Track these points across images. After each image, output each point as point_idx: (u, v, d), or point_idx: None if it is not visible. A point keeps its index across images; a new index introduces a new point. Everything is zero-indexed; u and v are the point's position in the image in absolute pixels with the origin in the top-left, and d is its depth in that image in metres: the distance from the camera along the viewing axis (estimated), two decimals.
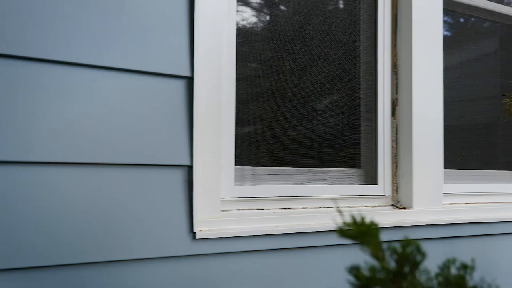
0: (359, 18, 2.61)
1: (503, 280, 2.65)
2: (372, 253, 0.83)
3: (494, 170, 3.09)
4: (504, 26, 3.22)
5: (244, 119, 2.30)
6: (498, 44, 3.25)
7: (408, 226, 2.40)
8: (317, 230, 2.16)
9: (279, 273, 2.09)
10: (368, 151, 2.58)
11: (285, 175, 2.35)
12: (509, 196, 3.01)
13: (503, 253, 2.72)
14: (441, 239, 2.51)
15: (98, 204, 1.74)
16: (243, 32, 2.30)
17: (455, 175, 2.86)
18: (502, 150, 3.18)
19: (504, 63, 3.22)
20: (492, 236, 2.69)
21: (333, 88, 2.54)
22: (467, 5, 2.98)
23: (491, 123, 3.15)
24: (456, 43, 3.07)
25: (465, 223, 2.59)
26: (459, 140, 2.99)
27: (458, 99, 3.02)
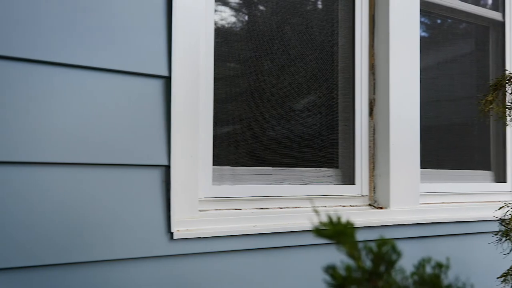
0: (337, 19, 2.62)
1: (478, 278, 2.68)
2: (348, 253, 0.84)
3: (470, 170, 3.12)
4: (479, 27, 3.25)
5: (223, 119, 2.29)
6: (473, 45, 3.29)
7: (385, 225, 2.42)
8: (294, 230, 2.16)
9: (256, 273, 2.09)
10: (346, 151, 2.59)
11: (263, 175, 2.35)
12: (485, 196, 3.05)
13: (478, 252, 2.74)
14: (417, 238, 2.54)
15: (78, 204, 1.73)
16: (222, 32, 2.30)
17: (431, 175, 2.89)
18: (478, 150, 3.22)
19: (479, 64, 3.26)
20: (468, 235, 2.72)
21: (311, 88, 2.55)
22: (443, 6, 3.01)
23: (467, 123, 3.19)
24: (433, 44, 3.09)
25: (442, 222, 2.61)
26: (436, 140, 3.02)
27: (435, 100, 3.05)
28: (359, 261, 0.83)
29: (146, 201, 1.86)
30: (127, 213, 1.82)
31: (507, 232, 2.25)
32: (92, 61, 1.77)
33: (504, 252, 2.33)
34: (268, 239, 2.12)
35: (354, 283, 0.82)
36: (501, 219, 2.31)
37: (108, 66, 1.80)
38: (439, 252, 2.59)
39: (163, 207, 1.89)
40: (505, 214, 2.29)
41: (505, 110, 2.29)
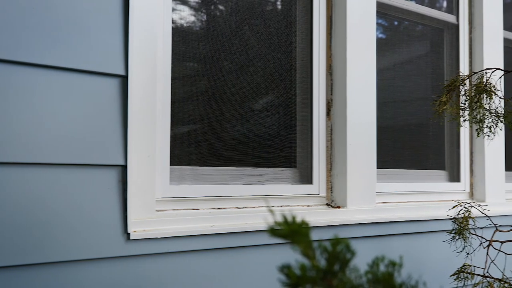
0: (295, 19, 2.64)
1: (432, 276, 2.73)
2: (303, 252, 0.84)
3: (425, 170, 3.18)
4: (434, 29, 3.31)
5: (181, 119, 2.28)
6: (429, 47, 3.34)
7: (342, 225, 2.44)
8: (252, 230, 2.17)
9: (214, 273, 2.08)
10: (304, 151, 2.61)
11: (221, 174, 2.35)
12: (439, 195, 3.11)
13: (432, 251, 2.79)
14: (374, 237, 2.57)
15: (31, 205, 1.70)
16: (180, 31, 2.29)
17: (388, 174, 2.93)
18: (433, 150, 3.27)
19: (434, 66, 3.32)
20: (423, 234, 2.77)
21: (269, 88, 2.55)
22: (399, 8, 3.05)
23: (422, 123, 3.24)
24: (390, 46, 3.14)
25: (397, 221, 2.65)
26: (392, 140, 3.06)
27: (391, 100, 3.09)
28: (314, 260, 0.84)
29: (102, 201, 1.84)
30: (82, 214, 1.79)
31: (460, 231, 2.30)
32: (45, 59, 1.74)
33: (457, 250, 2.37)
34: (226, 239, 2.11)
35: (309, 282, 0.83)
36: (454, 218, 2.35)
37: (63, 64, 1.77)
38: (394, 250, 2.63)
39: (120, 207, 1.87)
40: (458, 213, 2.34)
41: (459, 111, 2.34)
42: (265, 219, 2.18)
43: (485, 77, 2.27)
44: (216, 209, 2.26)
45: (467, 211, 2.32)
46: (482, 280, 2.19)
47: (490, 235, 2.26)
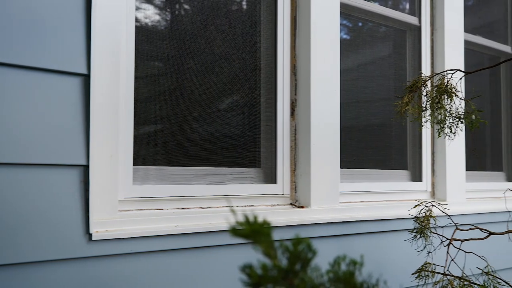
0: (259, 20, 2.64)
1: (394, 275, 2.76)
2: (264, 252, 0.84)
3: (388, 170, 3.21)
4: (397, 31, 3.35)
5: (144, 118, 2.27)
6: (392, 48, 3.38)
7: (306, 224, 2.45)
8: (216, 230, 2.16)
9: (177, 273, 2.08)
10: (268, 151, 2.61)
11: (185, 174, 2.34)
12: (402, 194, 3.14)
13: (395, 249, 2.83)
14: (337, 236, 2.59)
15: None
16: (145, 30, 2.27)
17: (351, 174, 2.95)
18: (396, 150, 3.32)
19: (397, 67, 3.36)
20: (385, 233, 2.80)
21: (234, 88, 2.55)
22: (363, 10, 3.08)
23: (385, 124, 3.28)
24: (354, 46, 3.16)
25: (360, 220, 2.68)
26: (356, 140, 3.09)
27: (354, 101, 3.12)
28: (275, 260, 0.84)
29: (64, 202, 1.81)
30: (43, 215, 1.77)
31: (422, 230, 2.33)
32: (3, 58, 1.71)
33: (418, 249, 2.41)
34: (190, 239, 2.11)
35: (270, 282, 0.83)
36: (416, 217, 2.38)
37: (21, 62, 1.75)
38: (358, 250, 2.65)
39: (82, 208, 1.85)
40: (420, 212, 2.37)
41: (420, 112, 2.37)
42: (226, 219, 2.18)
43: (446, 78, 2.31)
44: (180, 209, 2.25)
45: (428, 210, 2.36)
46: (443, 278, 2.23)
47: (451, 234, 2.30)
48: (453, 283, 2.20)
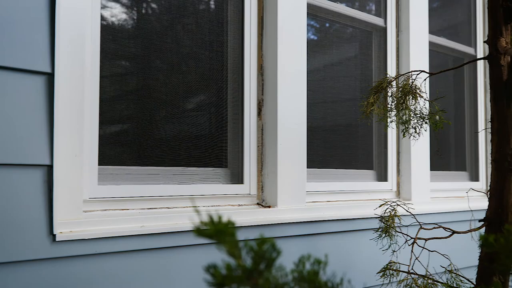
0: (226, 19, 2.64)
1: (360, 273, 2.79)
2: (229, 252, 0.84)
3: (354, 169, 3.24)
4: (363, 32, 3.38)
5: (110, 118, 2.25)
6: (358, 49, 3.41)
7: (273, 224, 2.46)
8: (182, 230, 2.16)
9: (145, 274, 2.06)
10: (235, 151, 2.61)
11: (151, 174, 2.33)
12: (368, 194, 3.17)
13: (360, 248, 2.85)
14: (304, 236, 2.60)
15: None
16: (111, 29, 2.25)
17: (318, 174, 2.97)
18: (362, 150, 3.34)
19: (363, 67, 3.39)
20: (351, 232, 2.82)
21: (201, 87, 2.55)
22: (329, 10, 3.10)
23: (351, 124, 3.31)
24: (320, 47, 3.18)
25: (327, 220, 2.69)
26: (322, 140, 3.11)
27: (321, 101, 3.14)
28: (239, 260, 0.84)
29: (27, 202, 1.79)
30: (6, 215, 1.74)
31: (387, 229, 2.36)
32: None
33: (383, 248, 2.43)
34: (156, 239, 2.10)
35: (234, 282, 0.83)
36: (381, 217, 2.41)
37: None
38: (324, 249, 2.67)
39: (45, 208, 1.83)
40: (385, 211, 2.40)
41: (386, 112, 2.40)
42: (191, 220, 2.17)
43: (411, 79, 2.34)
44: (146, 209, 2.23)
45: (393, 209, 2.38)
46: (407, 277, 2.25)
47: (415, 233, 2.33)
48: (417, 282, 2.23)
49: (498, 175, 2.09)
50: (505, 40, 2.07)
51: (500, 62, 2.05)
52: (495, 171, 2.11)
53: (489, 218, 2.12)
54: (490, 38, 2.10)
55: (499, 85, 2.07)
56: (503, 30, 2.07)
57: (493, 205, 2.11)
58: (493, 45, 2.07)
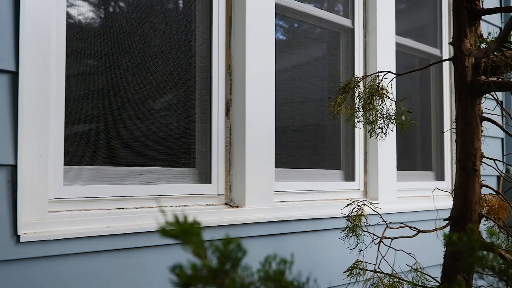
0: (194, 18, 2.63)
1: (327, 273, 2.80)
2: (194, 252, 0.84)
3: (322, 169, 3.25)
4: (331, 32, 3.40)
5: (77, 117, 2.22)
6: (326, 50, 3.43)
7: (241, 224, 2.46)
8: (149, 230, 2.14)
9: (109, 275, 2.04)
10: (203, 151, 2.61)
11: (118, 174, 2.31)
12: (335, 194, 3.19)
13: (328, 248, 2.87)
14: (272, 236, 2.60)
15: None
16: (78, 27, 2.23)
17: (286, 174, 2.98)
18: (330, 150, 3.36)
19: (331, 68, 3.41)
20: (319, 232, 2.84)
21: (169, 87, 2.53)
22: (297, 11, 3.11)
23: (319, 124, 3.32)
24: (289, 47, 3.19)
25: (294, 220, 2.70)
26: (290, 140, 3.12)
27: (289, 101, 3.15)
28: (205, 260, 0.84)
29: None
30: None
31: (354, 228, 2.37)
32: None
33: (350, 247, 2.45)
34: (123, 240, 2.08)
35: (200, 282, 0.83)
36: (348, 216, 2.43)
37: None
38: (292, 249, 2.68)
39: (9, 209, 1.80)
40: (352, 211, 2.42)
41: (353, 113, 2.42)
42: (157, 220, 2.15)
43: (377, 80, 2.36)
44: (113, 209, 2.21)
45: (360, 209, 2.40)
46: (373, 276, 2.28)
47: (381, 232, 2.35)
48: (383, 280, 2.25)
49: (463, 174, 2.12)
50: (470, 41, 2.10)
51: (464, 63, 2.09)
52: (459, 171, 2.14)
53: (453, 217, 2.16)
54: (454, 39, 2.13)
55: (463, 86, 2.10)
56: (467, 32, 2.10)
57: (457, 204, 2.14)
58: (457, 46, 2.10)
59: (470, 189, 2.11)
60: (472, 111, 2.10)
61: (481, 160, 2.16)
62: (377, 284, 2.25)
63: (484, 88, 2.06)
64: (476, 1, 2.09)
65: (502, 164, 4.34)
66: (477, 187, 2.13)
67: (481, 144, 2.16)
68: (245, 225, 2.48)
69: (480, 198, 2.17)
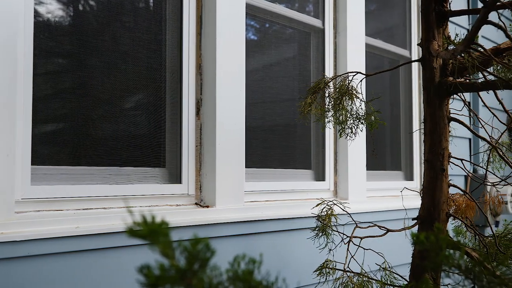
0: (165, 18, 2.62)
1: (297, 272, 2.81)
2: (162, 252, 0.84)
3: (293, 169, 3.26)
4: (302, 33, 3.42)
5: (45, 117, 2.20)
6: (297, 50, 3.44)
7: (211, 224, 2.46)
8: (119, 231, 2.13)
9: (78, 276, 2.02)
10: (173, 151, 2.60)
11: (87, 174, 2.29)
12: (306, 194, 3.21)
13: (298, 247, 2.88)
14: (242, 235, 2.61)
15: None
16: (46, 25, 2.20)
17: (256, 174, 2.98)
18: (300, 150, 3.38)
19: (302, 68, 3.42)
20: (289, 231, 2.84)
21: (139, 87, 2.52)
22: (268, 11, 3.11)
23: (290, 124, 3.33)
24: (259, 47, 3.20)
25: (265, 219, 2.71)
26: (261, 140, 3.12)
27: (260, 101, 3.15)
28: (173, 260, 0.84)
29: None
30: None
31: (323, 228, 2.39)
32: None
33: (320, 247, 2.46)
34: (92, 241, 2.06)
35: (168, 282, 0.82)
36: (318, 216, 2.44)
37: None
38: (262, 248, 2.68)
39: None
40: (322, 210, 2.43)
41: (323, 113, 2.43)
42: (124, 220, 2.13)
43: (347, 80, 2.38)
44: (82, 210, 2.19)
45: (330, 209, 2.42)
46: (343, 275, 2.29)
47: (351, 232, 2.37)
48: (352, 279, 2.27)
49: (431, 174, 2.15)
50: (438, 43, 2.13)
51: (432, 64, 2.11)
52: (427, 170, 2.17)
53: (421, 216, 2.18)
54: (423, 41, 2.15)
55: (431, 86, 2.13)
56: (435, 33, 2.13)
57: (425, 204, 2.17)
58: (426, 47, 2.13)
59: (438, 188, 2.14)
60: (440, 112, 2.13)
61: (449, 160, 2.19)
62: (346, 283, 2.27)
63: (451, 89, 2.09)
64: (444, 3, 2.12)
65: (470, 164, 4.41)
66: (445, 187, 2.15)
67: (449, 144, 2.19)
68: (216, 225, 2.48)
69: (448, 197, 2.21)
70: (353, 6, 3.49)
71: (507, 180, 2.36)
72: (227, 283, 0.92)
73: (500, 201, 3.51)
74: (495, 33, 4.28)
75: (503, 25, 1.97)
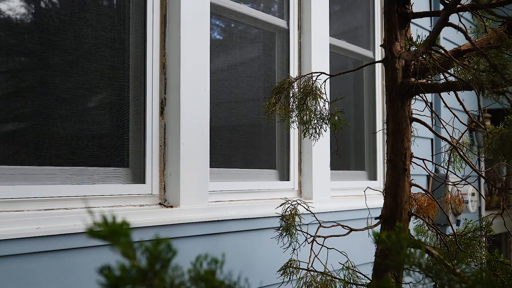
0: (128, 16, 2.59)
1: (262, 272, 2.82)
2: (123, 252, 0.83)
3: (257, 169, 3.27)
4: (267, 33, 3.42)
5: (5, 116, 2.16)
6: (261, 50, 3.45)
7: (175, 224, 2.44)
8: (81, 231, 2.11)
9: (39, 277, 1.99)
10: (137, 150, 2.57)
11: (49, 174, 2.25)
12: (270, 193, 3.21)
13: (262, 247, 2.88)
14: (206, 236, 2.60)
15: None
16: (7, 23, 2.16)
17: (221, 173, 2.98)
18: (265, 150, 3.38)
19: (266, 68, 3.43)
20: (253, 231, 2.85)
21: (102, 85, 2.49)
22: (233, 11, 3.11)
23: (254, 124, 3.34)
24: (224, 47, 3.19)
25: (229, 219, 2.71)
26: (225, 140, 3.12)
27: (224, 101, 3.15)
28: (134, 261, 0.83)
29: None
30: None
31: (287, 228, 2.40)
32: None
33: (284, 246, 2.47)
34: (54, 241, 2.03)
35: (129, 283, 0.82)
36: (282, 215, 2.45)
37: None
38: (226, 248, 2.68)
39: None
40: (286, 210, 2.44)
41: (288, 113, 2.44)
42: (85, 221, 2.11)
43: (311, 81, 2.39)
44: (43, 210, 2.16)
45: (294, 208, 2.43)
46: (307, 274, 2.30)
47: (315, 231, 2.38)
48: (316, 279, 2.28)
49: (393, 174, 2.18)
50: (400, 44, 2.16)
51: (395, 65, 2.14)
52: (390, 170, 2.19)
53: (384, 215, 2.21)
54: (386, 42, 2.18)
55: (394, 87, 2.15)
56: (398, 34, 2.15)
57: (388, 203, 2.19)
58: (388, 49, 2.15)
59: (400, 188, 2.16)
60: (402, 112, 2.16)
61: (411, 160, 2.22)
62: (310, 283, 2.28)
63: (413, 89, 2.12)
64: (406, 4, 2.15)
65: (432, 164, 4.48)
66: (407, 186, 2.18)
67: (411, 144, 2.22)
68: (180, 225, 2.47)
69: (410, 197, 2.24)
70: (317, 6, 3.51)
71: (468, 179, 2.40)
72: (189, 283, 0.92)
73: (461, 200, 3.57)
74: (456, 35, 4.36)
75: (463, 27, 2.01)
